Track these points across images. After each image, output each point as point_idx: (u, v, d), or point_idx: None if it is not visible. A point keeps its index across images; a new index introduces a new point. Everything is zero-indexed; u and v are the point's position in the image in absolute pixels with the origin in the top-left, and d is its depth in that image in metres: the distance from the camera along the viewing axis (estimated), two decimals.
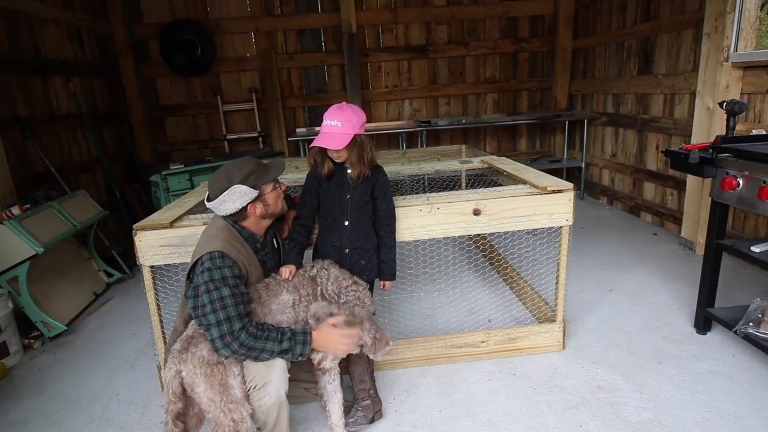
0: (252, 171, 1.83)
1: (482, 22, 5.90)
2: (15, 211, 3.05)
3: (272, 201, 1.89)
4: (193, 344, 1.70)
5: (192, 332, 1.75)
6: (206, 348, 1.69)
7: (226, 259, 1.72)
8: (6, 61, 3.58)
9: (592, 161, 5.67)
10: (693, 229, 3.85)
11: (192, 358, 1.67)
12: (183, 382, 1.68)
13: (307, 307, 1.87)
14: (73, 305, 3.43)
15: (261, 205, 1.86)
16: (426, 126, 5.54)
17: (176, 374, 1.67)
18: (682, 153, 2.50)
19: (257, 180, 1.83)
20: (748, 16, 3.31)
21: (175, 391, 1.67)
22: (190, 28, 5.49)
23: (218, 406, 1.65)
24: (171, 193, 4.60)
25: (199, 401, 1.69)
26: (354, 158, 1.99)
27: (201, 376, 1.66)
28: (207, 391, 1.66)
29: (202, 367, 1.66)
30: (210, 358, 1.68)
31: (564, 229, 2.39)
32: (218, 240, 1.76)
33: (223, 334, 1.64)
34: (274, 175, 1.90)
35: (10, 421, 2.35)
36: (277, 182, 1.94)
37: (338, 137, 1.92)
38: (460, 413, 2.18)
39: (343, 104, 1.99)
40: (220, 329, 1.64)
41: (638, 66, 4.69)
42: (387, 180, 2.14)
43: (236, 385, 1.69)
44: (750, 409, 2.08)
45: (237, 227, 1.87)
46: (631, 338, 2.69)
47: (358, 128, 1.96)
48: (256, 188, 1.82)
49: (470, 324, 2.84)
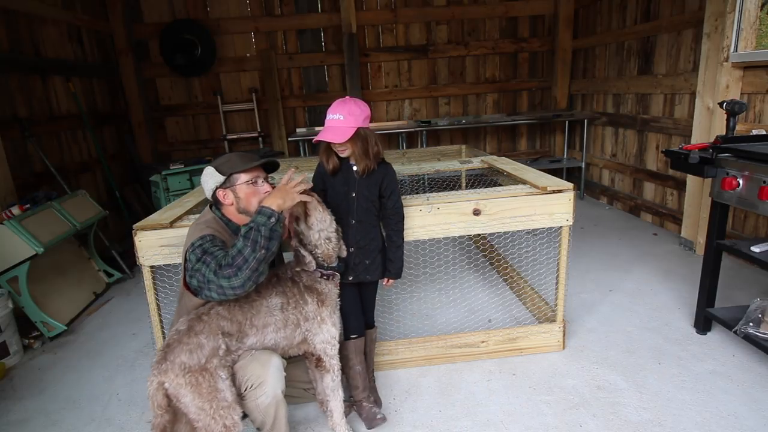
0: (229, 159, 1.85)
1: (482, 22, 5.91)
2: (15, 211, 3.05)
3: (243, 195, 1.83)
4: (170, 351, 1.63)
5: (167, 340, 1.69)
6: (184, 352, 1.62)
7: (216, 238, 1.74)
8: (6, 61, 3.59)
9: (592, 161, 5.67)
10: (693, 229, 3.85)
11: (172, 367, 1.60)
12: (167, 394, 1.61)
13: (295, 309, 1.86)
14: (73, 305, 3.43)
15: (231, 195, 1.84)
16: (426, 126, 5.54)
17: (159, 386, 1.60)
18: (682, 153, 2.50)
19: (228, 167, 1.83)
20: (748, 16, 3.31)
21: (161, 404, 1.61)
22: (190, 28, 5.49)
23: (208, 414, 1.59)
24: (171, 193, 4.60)
25: (186, 411, 1.62)
26: (358, 152, 1.96)
27: (186, 386, 1.59)
28: (195, 401, 1.60)
29: (186, 375, 1.59)
30: (191, 363, 1.61)
31: (564, 229, 2.39)
32: (209, 229, 1.78)
33: (215, 270, 1.60)
34: (249, 165, 1.83)
35: (10, 421, 2.35)
36: (257, 181, 1.86)
37: (341, 130, 1.90)
38: (460, 413, 2.18)
39: (347, 98, 1.97)
40: (211, 268, 1.60)
41: (638, 66, 4.69)
42: (395, 177, 2.11)
43: (226, 389, 1.64)
44: (750, 409, 2.08)
45: (224, 220, 1.87)
46: (631, 338, 2.69)
47: (362, 121, 1.93)
48: (223, 173, 1.82)
49: (470, 324, 2.84)
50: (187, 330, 1.68)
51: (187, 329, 1.68)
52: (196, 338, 1.65)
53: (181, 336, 1.67)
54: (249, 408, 1.77)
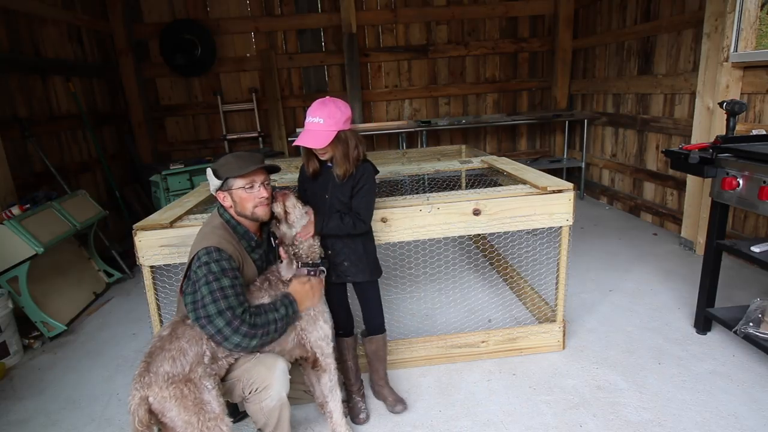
0: (227, 162, 1.84)
1: (482, 22, 5.91)
2: (15, 211, 3.05)
3: (238, 199, 1.82)
4: (152, 361, 1.57)
5: (150, 348, 1.64)
6: (167, 361, 1.56)
7: (222, 252, 1.72)
8: (6, 61, 3.59)
9: (592, 161, 5.67)
10: (693, 229, 3.85)
11: (156, 379, 1.53)
12: (151, 409, 1.54)
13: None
14: (73, 305, 3.43)
15: (229, 198, 1.84)
16: (426, 126, 5.54)
17: (141, 401, 1.53)
18: (682, 153, 2.50)
19: (225, 171, 1.82)
20: (748, 16, 3.31)
21: (142, 419, 1.53)
22: (190, 28, 5.49)
23: (196, 428, 1.54)
24: (171, 193, 4.60)
25: (173, 426, 1.56)
26: (339, 156, 1.90)
27: (172, 400, 1.52)
28: (181, 415, 1.53)
29: (170, 388, 1.52)
30: (174, 372, 1.55)
31: (564, 229, 2.39)
32: (214, 237, 1.77)
33: (229, 320, 1.63)
34: (244, 170, 1.80)
35: (10, 421, 2.35)
36: (254, 186, 1.83)
37: (320, 135, 1.85)
38: (460, 413, 2.18)
39: (327, 99, 1.90)
40: (224, 317, 1.63)
41: (638, 66, 4.69)
42: (370, 177, 1.98)
43: (212, 399, 1.60)
44: (750, 409, 2.08)
45: (233, 222, 1.86)
46: (631, 338, 2.69)
47: (342, 124, 1.88)
48: (220, 178, 1.82)
49: (470, 324, 2.84)
50: (169, 335, 1.65)
51: (169, 334, 1.65)
52: (177, 342, 1.62)
53: (163, 342, 1.63)
54: (252, 411, 1.77)
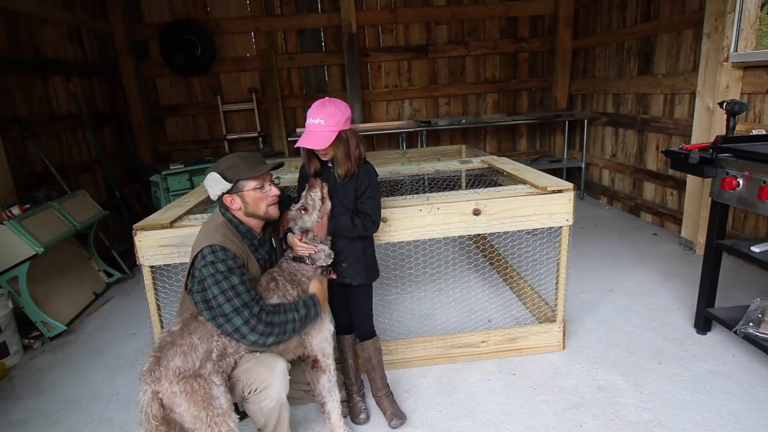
0: (234, 164, 1.82)
1: (482, 22, 5.91)
2: (15, 211, 3.05)
3: (251, 200, 1.82)
4: (163, 356, 1.57)
5: (159, 342, 1.64)
6: (179, 356, 1.57)
7: (227, 251, 1.72)
8: (6, 61, 3.58)
9: (592, 161, 5.67)
10: (693, 229, 3.85)
11: (166, 374, 1.54)
12: (162, 404, 1.55)
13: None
14: (73, 305, 3.43)
15: (239, 200, 1.82)
16: (426, 126, 5.54)
17: (153, 396, 1.54)
18: (682, 153, 2.50)
19: (235, 173, 1.80)
20: (748, 16, 3.31)
21: (156, 414, 1.54)
22: (190, 28, 5.49)
23: (204, 423, 1.55)
24: (171, 193, 4.60)
25: (182, 421, 1.57)
26: (340, 155, 1.91)
27: (182, 395, 1.54)
28: (191, 409, 1.55)
29: (180, 383, 1.54)
30: (185, 368, 1.56)
31: (564, 229, 2.39)
32: (218, 235, 1.76)
33: (246, 319, 1.64)
34: (256, 172, 1.81)
35: (10, 421, 2.35)
36: (264, 185, 1.84)
37: (322, 135, 1.85)
38: (460, 413, 2.18)
39: (326, 100, 1.90)
40: (242, 316, 1.63)
41: (638, 66, 4.69)
42: (373, 179, 1.99)
43: (221, 395, 1.61)
44: (750, 409, 2.08)
45: (235, 221, 1.86)
46: (631, 338, 2.69)
47: (342, 124, 1.88)
48: (230, 181, 1.79)
49: (470, 324, 2.84)
50: (181, 330, 1.65)
51: (181, 329, 1.65)
52: (189, 338, 1.62)
53: (174, 337, 1.63)
54: (252, 411, 1.77)
